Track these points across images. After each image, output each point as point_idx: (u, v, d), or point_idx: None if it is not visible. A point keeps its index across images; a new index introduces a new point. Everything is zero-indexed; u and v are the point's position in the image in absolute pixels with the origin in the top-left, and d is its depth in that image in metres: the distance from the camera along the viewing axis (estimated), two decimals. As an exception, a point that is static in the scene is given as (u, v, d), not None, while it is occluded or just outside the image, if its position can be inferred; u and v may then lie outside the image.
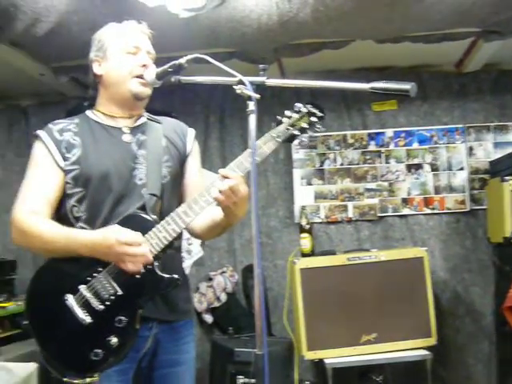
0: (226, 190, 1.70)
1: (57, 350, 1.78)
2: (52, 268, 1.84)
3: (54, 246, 1.77)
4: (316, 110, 1.84)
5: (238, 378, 3.50)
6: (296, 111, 1.84)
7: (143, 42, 1.98)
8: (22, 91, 4.51)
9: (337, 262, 3.63)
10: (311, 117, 1.84)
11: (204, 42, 3.30)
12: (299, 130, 1.83)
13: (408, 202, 4.26)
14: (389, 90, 1.47)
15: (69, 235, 1.78)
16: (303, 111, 1.84)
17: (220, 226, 1.94)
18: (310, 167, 4.35)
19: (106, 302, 1.74)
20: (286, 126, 1.82)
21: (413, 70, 4.29)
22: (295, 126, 1.82)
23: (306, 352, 3.50)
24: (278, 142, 1.81)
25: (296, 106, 1.84)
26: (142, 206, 1.84)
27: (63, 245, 1.76)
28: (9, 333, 3.75)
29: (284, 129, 1.82)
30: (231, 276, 4.21)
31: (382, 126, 4.35)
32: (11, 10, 2.75)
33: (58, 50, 3.44)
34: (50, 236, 1.78)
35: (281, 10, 2.97)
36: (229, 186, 1.69)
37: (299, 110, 1.84)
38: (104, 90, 2.00)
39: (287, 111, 1.84)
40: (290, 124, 1.82)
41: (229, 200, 1.72)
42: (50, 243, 1.78)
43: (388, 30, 3.33)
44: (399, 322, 3.53)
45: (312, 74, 4.17)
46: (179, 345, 1.96)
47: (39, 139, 1.92)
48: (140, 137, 1.97)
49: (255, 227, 1.47)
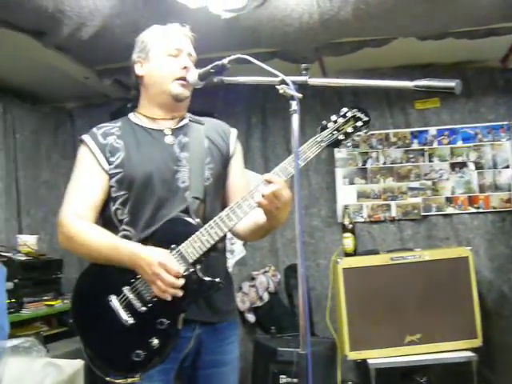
0: (268, 195, 1.69)
1: (100, 349, 1.81)
2: (97, 269, 1.86)
3: (99, 254, 1.81)
4: (362, 115, 1.81)
5: (281, 378, 3.51)
6: (341, 115, 1.81)
7: (185, 44, 1.99)
8: (67, 94, 4.60)
9: (380, 261, 3.60)
10: (357, 121, 1.81)
11: (245, 43, 3.31)
12: (344, 134, 1.81)
13: (452, 201, 4.19)
14: (433, 87, 1.44)
15: (114, 244, 1.81)
16: (348, 116, 1.81)
17: (263, 229, 1.94)
18: (352, 166, 4.32)
19: (148, 303, 1.76)
20: (331, 130, 1.80)
21: (456, 67, 4.21)
22: (340, 131, 1.80)
23: (349, 352, 3.48)
24: (323, 146, 1.80)
25: (341, 111, 1.82)
26: (185, 210, 1.85)
27: (108, 254, 1.79)
28: (56, 330, 3.82)
29: (329, 134, 1.80)
30: (273, 275, 4.21)
31: (424, 124, 4.29)
32: (58, 16, 2.81)
33: (101, 53, 3.50)
34: (97, 244, 1.81)
35: (322, 8, 2.96)
36: (272, 191, 1.69)
37: (344, 115, 1.81)
38: (145, 91, 2.02)
39: (333, 116, 1.82)
40: (335, 129, 1.80)
41: (272, 205, 1.72)
42: (95, 251, 1.81)
43: (430, 27, 3.28)
44: (444, 322, 3.48)
45: (353, 73, 4.14)
46: (223, 345, 1.96)
47: (84, 143, 1.95)
48: (182, 138, 1.98)
49: (299, 227, 1.46)
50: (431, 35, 3.38)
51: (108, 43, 3.24)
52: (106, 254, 1.79)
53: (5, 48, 3.35)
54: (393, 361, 3.46)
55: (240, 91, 4.45)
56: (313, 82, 1.59)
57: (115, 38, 3.14)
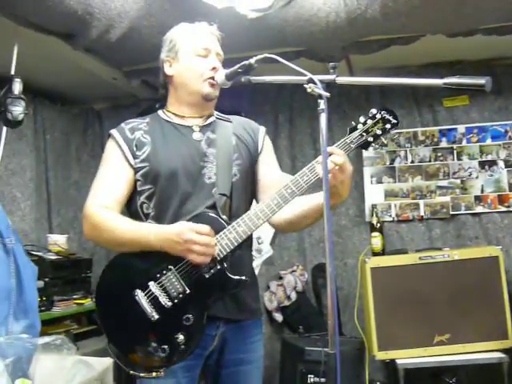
0: (334, 169, 1.67)
1: (124, 343, 1.82)
2: (122, 263, 1.88)
3: (125, 237, 1.81)
4: (390, 117, 1.81)
5: (309, 377, 3.50)
6: (370, 117, 1.82)
7: (213, 44, 2.01)
8: (95, 95, 4.65)
9: (408, 261, 3.57)
10: (385, 124, 1.81)
11: (272, 42, 3.31)
12: (373, 136, 1.81)
13: (481, 200, 4.13)
14: (463, 85, 1.41)
15: (140, 226, 1.83)
16: (377, 117, 1.81)
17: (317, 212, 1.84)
18: (380, 165, 4.29)
19: (175, 299, 1.76)
20: (361, 132, 1.81)
21: (485, 64, 4.14)
22: (369, 133, 1.81)
23: (377, 352, 3.46)
24: (352, 147, 1.80)
25: (370, 112, 1.82)
26: (212, 206, 1.86)
27: (133, 236, 1.79)
28: (85, 328, 3.88)
29: (358, 135, 1.81)
30: (301, 275, 4.20)
31: (453, 122, 4.23)
32: (86, 18, 2.85)
33: (129, 55, 3.54)
34: (121, 228, 1.82)
35: (349, 7, 2.94)
36: (339, 163, 1.67)
37: (374, 116, 1.82)
38: (174, 91, 2.04)
39: (361, 117, 1.83)
40: (364, 130, 1.81)
41: (337, 178, 1.70)
42: (120, 236, 1.81)
43: (459, 23, 3.24)
44: (473, 322, 3.44)
45: (380, 71, 4.11)
46: (247, 344, 1.96)
47: (112, 138, 1.97)
48: (210, 135, 1.99)
49: (327, 226, 1.46)
50: (460, 32, 3.33)
51: (135, 44, 3.27)
52: (131, 237, 1.80)
53: (35, 50, 3.40)
54: (422, 361, 3.43)
55: (267, 91, 4.46)
56: (341, 81, 1.58)
57: (142, 39, 3.17)
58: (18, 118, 3.14)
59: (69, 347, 2.34)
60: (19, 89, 3.16)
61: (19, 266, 2.80)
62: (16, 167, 4.09)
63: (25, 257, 2.87)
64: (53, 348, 2.30)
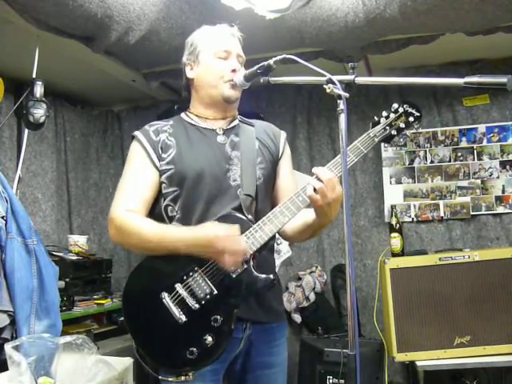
0: (321, 188, 1.68)
1: (152, 347, 1.80)
2: (149, 266, 1.87)
3: (152, 242, 1.79)
4: (413, 110, 1.83)
5: (328, 378, 3.50)
6: (393, 111, 1.83)
7: (234, 45, 2.01)
8: (115, 97, 4.69)
9: (428, 261, 3.54)
10: (408, 117, 1.83)
11: (290, 43, 3.31)
12: (397, 129, 1.82)
13: (502, 200, 4.09)
14: (485, 84, 1.39)
15: (167, 231, 1.82)
16: (400, 111, 1.83)
17: (312, 228, 1.91)
18: (399, 165, 4.26)
19: (202, 301, 1.75)
20: (384, 125, 1.82)
21: (506, 62, 4.10)
22: (393, 126, 1.82)
23: (397, 354, 3.44)
24: (375, 141, 1.81)
25: (393, 106, 1.84)
26: (238, 207, 1.86)
27: (161, 241, 1.78)
28: (105, 328, 3.92)
29: (381, 129, 1.82)
30: (320, 276, 4.19)
31: (473, 122, 4.19)
32: (106, 21, 2.87)
33: (148, 57, 3.55)
34: (148, 232, 1.80)
35: (367, 7, 2.93)
36: (325, 180, 1.68)
37: (396, 110, 1.83)
38: (196, 93, 2.05)
39: (384, 111, 1.84)
40: (387, 124, 1.82)
41: (324, 199, 1.70)
42: (147, 240, 1.80)
43: (479, 21, 3.20)
44: (494, 324, 3.39)
45: (399, 70, 4.10)
46: (272, 347, 1.96)
47: (136, 140, 1.97)
48: (233, 138, 2.00)
49: (347, 227, 1.45)
50: (480, 30, 3.30)
51: (154, 47, 3.28)
52: (159, 242, 1.78)
53: (56, 54, 3.44)
54: (442, 363, 3.39)
55: (285, 92, 4.46)
56: (360, 81, 1.58)
57: (161, 42, 3.18)
58: (40, 120, 3.17)
59: (90, 347, 2.36)
60: (40, 92, 3.20)
61: (41, 267, 2.84)
62: (37, 169, 4.14)
63: (46, 257, 2.91)
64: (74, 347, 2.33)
